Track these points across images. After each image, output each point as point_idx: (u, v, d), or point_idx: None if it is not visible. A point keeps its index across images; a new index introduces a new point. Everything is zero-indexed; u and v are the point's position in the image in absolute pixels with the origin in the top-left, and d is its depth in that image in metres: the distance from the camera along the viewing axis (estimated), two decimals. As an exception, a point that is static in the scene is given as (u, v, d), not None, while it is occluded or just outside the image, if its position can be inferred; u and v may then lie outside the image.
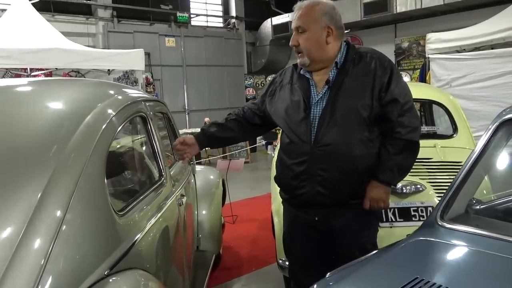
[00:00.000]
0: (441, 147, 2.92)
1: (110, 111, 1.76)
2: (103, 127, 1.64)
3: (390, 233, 2.16)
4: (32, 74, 7.69)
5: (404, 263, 1.48)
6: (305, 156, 2.00)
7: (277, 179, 2.21)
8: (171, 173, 2.38)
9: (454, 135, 3.18)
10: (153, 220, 1.86)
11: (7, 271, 1.13)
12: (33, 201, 1.29)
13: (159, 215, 1.94)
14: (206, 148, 9.02)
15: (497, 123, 1.70)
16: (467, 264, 1.45)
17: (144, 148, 2.39)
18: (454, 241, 1.52)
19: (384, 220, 2.59)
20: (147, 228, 1.77)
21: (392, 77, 1.96)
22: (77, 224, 1.36)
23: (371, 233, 2.11)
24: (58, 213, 1.30)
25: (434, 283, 1.26)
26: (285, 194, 2.19)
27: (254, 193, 6.96)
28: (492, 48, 6.95)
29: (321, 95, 2.02)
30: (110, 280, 1.39)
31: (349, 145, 1.95)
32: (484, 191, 2.41)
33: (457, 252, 1.50)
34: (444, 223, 1.58)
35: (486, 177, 2.56)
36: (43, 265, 1.18)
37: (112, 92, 2.04)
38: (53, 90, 1.98)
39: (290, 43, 2.06)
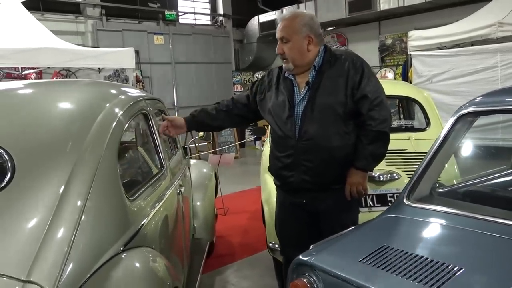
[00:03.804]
0: (415, 139, 3.19)
1: (117, 110, 1.98)
2: (113, 125, 1.86)
3: (369, 217, 2.39)
4: (24, 73, 7.79)
5: (375, 235, 1.74)
6: (291, 149, 2.26)
7: (269, 169, 2.48)
8: (170, 165, 2.61)
9: (427, 128, 3.47)
10: (157, 205, 2.09)
11: (37, 256, 1.31)
12: (58, 192, 1.49)
13: (162, 200, 2.18)
14: (196, 144, 9.15)
15: (455, 117, 1.96)
16: (426, 234, 1.72)
17: (146, 142, 2.61)
18: (418, 217, 1.78)
19: (364, 205, 2.85)
20: (153, 212, 2.01)
21: (363, 76, 2.20)
22: (96, 210, 1.58)
23: (352, 214, 2.37)
24: (79, 202, 1.51)
25: (398, 249, 1.53)
26: (277, 181, 2.45)
27: (244, 187, 7.17)
28: (471, 45, 7.20)
29: (302, 95, 2.27)
30: (123, 256, 1.62)
31: (328, 138, 2.21)
32: (454, 180, 2.68)
33: (419, 225, 1.76)
34: (410, 203, 1.85)
35: (455, 166, 2.85)
36: (67, 251, 1.37)
37: (116, 92, 2.26)
38: (64, 92, 2.18)
39: (276, 51, 2.30)
